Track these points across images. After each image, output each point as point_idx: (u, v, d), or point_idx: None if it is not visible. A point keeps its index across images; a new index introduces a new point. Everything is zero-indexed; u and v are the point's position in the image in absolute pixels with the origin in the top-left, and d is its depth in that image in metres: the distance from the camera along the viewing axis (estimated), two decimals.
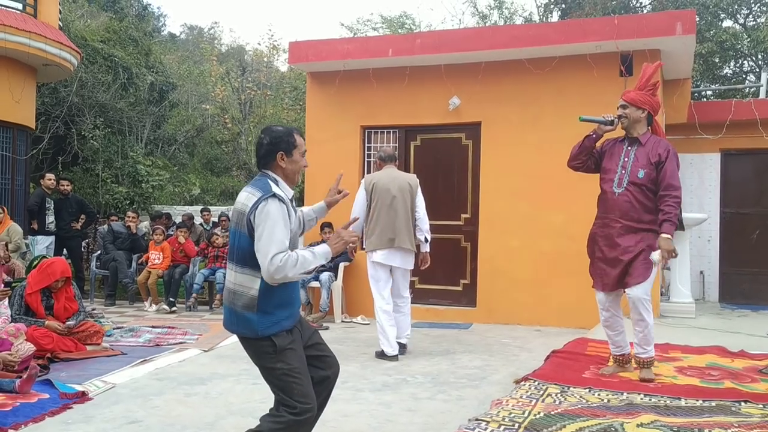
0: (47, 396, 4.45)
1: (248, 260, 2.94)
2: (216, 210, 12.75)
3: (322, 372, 3.17)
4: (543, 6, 20.76)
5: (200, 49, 24.99)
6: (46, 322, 5.86)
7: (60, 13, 12.28)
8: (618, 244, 4.79)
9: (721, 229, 10.25)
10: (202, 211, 12.34)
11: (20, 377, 4.57)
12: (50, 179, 10.23)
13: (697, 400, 4.26)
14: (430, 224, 6.37)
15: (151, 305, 9.35)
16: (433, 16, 48.16)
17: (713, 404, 4.15)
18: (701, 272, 10.20)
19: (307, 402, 2.94)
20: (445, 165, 8.58)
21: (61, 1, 13.40)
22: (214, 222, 11.70)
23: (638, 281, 4.72)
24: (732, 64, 17.95)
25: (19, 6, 11.05)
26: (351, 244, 3.12)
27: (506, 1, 22.22)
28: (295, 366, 2.97)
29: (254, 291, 2.95)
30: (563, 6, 19.82)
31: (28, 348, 5.21)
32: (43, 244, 9.70)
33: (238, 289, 2.98)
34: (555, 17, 20.01)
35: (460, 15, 45.55)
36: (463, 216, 8.52)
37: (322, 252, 3.00)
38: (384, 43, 9.02)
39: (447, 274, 8.54)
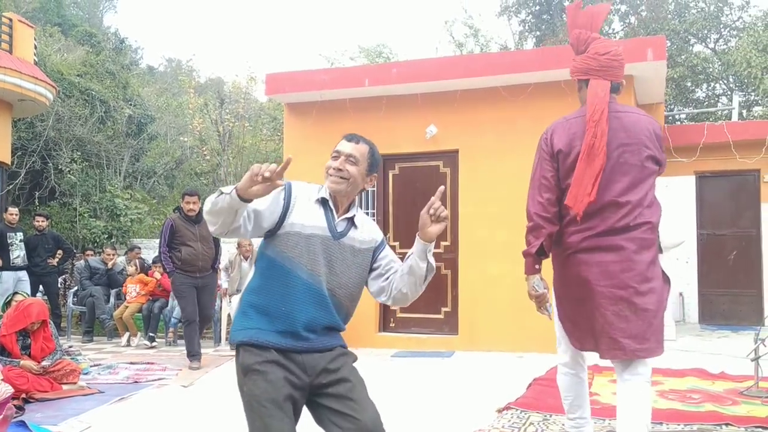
0: None
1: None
2: None
3: None
4: (518, 33, 21.08)
5: (179, 81, 25.02)
6: (21, 362, 5.75)
7: (35, 48, 12.26)
8: (633, 267, 2.94)
9: (699, 251, 10.34)
10: None
11: None
12: (12, 214, 9.66)
13: (679, 425, 4.26)
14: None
15: (129, 340, 9.21)
16: (411, 46, 48.63)
17: (694, 428, 4.15)
18: (680, 293, 10.26)
19: None
20: (423, 193, 8.58)
21: (37, 36, 13.39)
22: None
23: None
24: (704, 87, 18.29)
25: None
26: (264, 176, 2.23)
27: (481, 29, 22.53)
28: (257, 394, 2.39)
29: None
30: (537, 33, 20.13)
31: (6, 390, 5.06)
32: (7, 281, 9.26)
33: None
34: (530, 44, 20.30)
35: (436, 44, 46.09)
36: (443, 244, 8.52)
37: (229, 187, 2.34)
38: (360, 73, 9.07)
39: (428, 301, 8.49)
